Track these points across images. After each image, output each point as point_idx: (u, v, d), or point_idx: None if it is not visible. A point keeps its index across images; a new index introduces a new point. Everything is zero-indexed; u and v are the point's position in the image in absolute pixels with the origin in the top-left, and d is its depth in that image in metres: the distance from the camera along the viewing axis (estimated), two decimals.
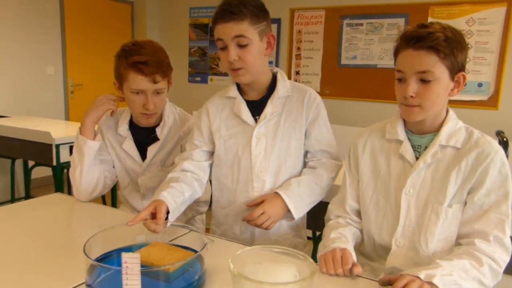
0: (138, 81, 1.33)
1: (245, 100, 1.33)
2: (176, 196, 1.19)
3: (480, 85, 3.62)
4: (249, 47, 1.21)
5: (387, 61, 3.94)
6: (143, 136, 1.49)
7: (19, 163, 3.43)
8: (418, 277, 0.91)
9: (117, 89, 1.44)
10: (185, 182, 1.27)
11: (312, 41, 4.30)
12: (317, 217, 1.41)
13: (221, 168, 1.36)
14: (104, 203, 3.07)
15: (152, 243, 0.94)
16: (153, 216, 1.07)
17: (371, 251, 1.22)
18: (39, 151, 2.58)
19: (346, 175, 1.27)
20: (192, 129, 1.40)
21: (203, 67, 5.05)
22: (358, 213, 1.24)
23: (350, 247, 1.07)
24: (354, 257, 1.03)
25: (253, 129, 1.30)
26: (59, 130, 2.71)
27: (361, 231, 1.23)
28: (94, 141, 1.38)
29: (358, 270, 0.96)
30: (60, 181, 2.60)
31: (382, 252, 1.19)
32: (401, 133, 1.15)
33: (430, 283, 0.90)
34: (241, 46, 1.21)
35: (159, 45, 1.41)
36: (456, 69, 1.04)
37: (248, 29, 1.20)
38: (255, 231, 1.34)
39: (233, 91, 1.34)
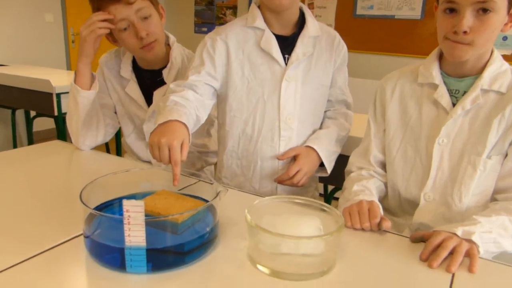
0: (113, 10, 1.17)
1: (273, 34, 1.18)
2: (191, 130, 1.01)
3: (505, 38, 3.42)
4: None
5: (406, 12, 3.71)
6: (149, 80, 1.36)
7: (20, 114, 3.33)
8: (455, 234, 0.82)
9: (111, 41, 1.30)
10: (192, 115, 1.06)
11: None
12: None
13: (239, 113, 1.21)
14: (108, 151, 2.98)
15: (158, 192, 0.85)
16: None
17: (395, 206, 1.13)
18: (40, 100, 2.48)
19: (370, 123, 1.16)
20: (199, 55, 1.19)
21: (210, 16, 4.81)
22: (383, 165, 1.14)
23: (377, 200, 0.98)
24: (381, 210, 0.93)
25: (284, 70, 1.17)
26: (60, 79, 2.58)
27: (385, 185, 1.13)
28: (89, 90, 1.24)
29: (387, 224, 0.87)
30: (63, 132, 2.50)
31: (408, 207, 1.10)
32: (436, 76, 1.02)
33: (469, 241, 0.80)
34: None
35: None
36: None
37: None
38: (277, 185, 1.24)
39: (260, 21, 1.17)
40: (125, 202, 0.64)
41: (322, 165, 1.23)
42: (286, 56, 1.18)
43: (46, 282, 0.66)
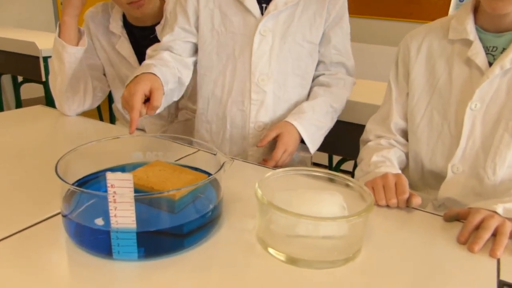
0: None
1: None
2: (165, 83, 0.91)
3: None
4: None
5: None
6: (141, 37, 1.21)
7: (7, 80, 3.17)
8: (495, 212, 0.71)
9: None
10: (170, 71, 0.98)
11: None
12: (335, 138, 1.17)
13: (209, 71, 1.08)
14: (101, 118, 2.84)
15: (152, 163, 0.72)
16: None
17: (417, 179, 1.01)
18: (26, 65, 2.32)
19: (391, 87, 1.03)
20: (173, 11, 1.08)
21: None
22: (405, 134, 1.02)
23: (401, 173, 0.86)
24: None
25: (258, 22, 1.01)
26: (47, 42, 2.40)
27: (406, 155, 1.02)
28: (76, 46, 1.10)
29: (417, 201, 0.75)
30: (53, 100, 2.36)
31: (431, 180, 0.98)
32: (471, 31, 0.89)
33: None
34: None
35: None
36: None
37: None
38: (248, 151, 1.11)
39: None
40: (109, 175, 0.52)
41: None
42: (264, 5, 1.02)
43: (16, 272, 0.54)
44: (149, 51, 1.06)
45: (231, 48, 1.04)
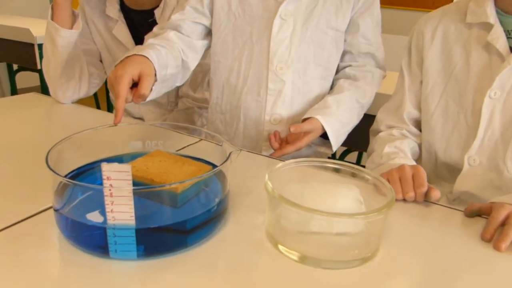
0: None
1: None
2: (162, 67, 0.84)
3: None
4: None
5: None
6: (139, 21, 1.15)
7: (3, 68, 3.10)
8: None
9: None
10: (172, 54, 0.90)
11: None
12: None
13: (224, 58, 1.01)
14: (98, 107, 2.77)
15: (151, 153, 0.67)
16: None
17: (430, 171, 0.96)
18: (21, 52, 2.26)
19: (404, 74, 0.98)
20: None
21: None
22: (418, 124, 0.97)
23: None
24: None
25: (279, 4, 0.94)
26: (42, 29, 2.33)
27: (419, 146, 0.97)
28: (70, 30, 1.03)
29: (436, 194, 0.70)
30: (48, 88, 2.29)
31: (445, 173, 0.94)
32: (491, 14, 0.83)
33: None
34: None
35: None
36: None
37: None
38: (262, 146, 1.05)
39: None
40: (105, 167, 0.47)
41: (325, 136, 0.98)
42: None
43: (2, 271, 0.49)
44: (155, 29, 1.00)
45: (248, 33, 0.97)
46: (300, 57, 0.98)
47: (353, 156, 1.94)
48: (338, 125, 0.97)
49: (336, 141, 0.99)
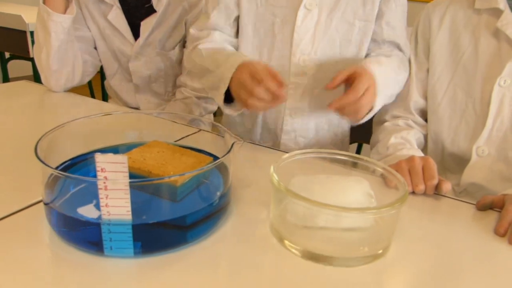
0: None
1: None
2: None
3: None
4: None
5: None
6: (135, 8, 1.11)
7: None
8: None
9: None
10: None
11: None
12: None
13: (243, 49, 0.96)
14: (93, 96, 2.73)
15: (149, 143, 0.64)
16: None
17: (436, 163, 0.92)
18: (12, 39, 2.21)
19: (410, 62, 0.94)
20: None
21: None
22: (424, 113, 0.94)
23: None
24: None
25: None
26: (34, 15, 2.27)
27: (425, 137, 0.94)
28: (63, 14, 0.99)
29: (447, 186, 0.67)
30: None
31: (452, 164, 0.91)
32: None
33: None
34: None
35: None
36: None
37: None
38: (280, 137, 1.01)
39: None
40: (98, 157, 0.44)
41: None
42: None
43: None
44: (193, 31, 0.95)
45: (270, 23, 0.92)
46: (325, 50, 0.92)
47: (353, 147, 1.91)
48: (386, 86, 0.86)
49: (379, 103, 0.85)
